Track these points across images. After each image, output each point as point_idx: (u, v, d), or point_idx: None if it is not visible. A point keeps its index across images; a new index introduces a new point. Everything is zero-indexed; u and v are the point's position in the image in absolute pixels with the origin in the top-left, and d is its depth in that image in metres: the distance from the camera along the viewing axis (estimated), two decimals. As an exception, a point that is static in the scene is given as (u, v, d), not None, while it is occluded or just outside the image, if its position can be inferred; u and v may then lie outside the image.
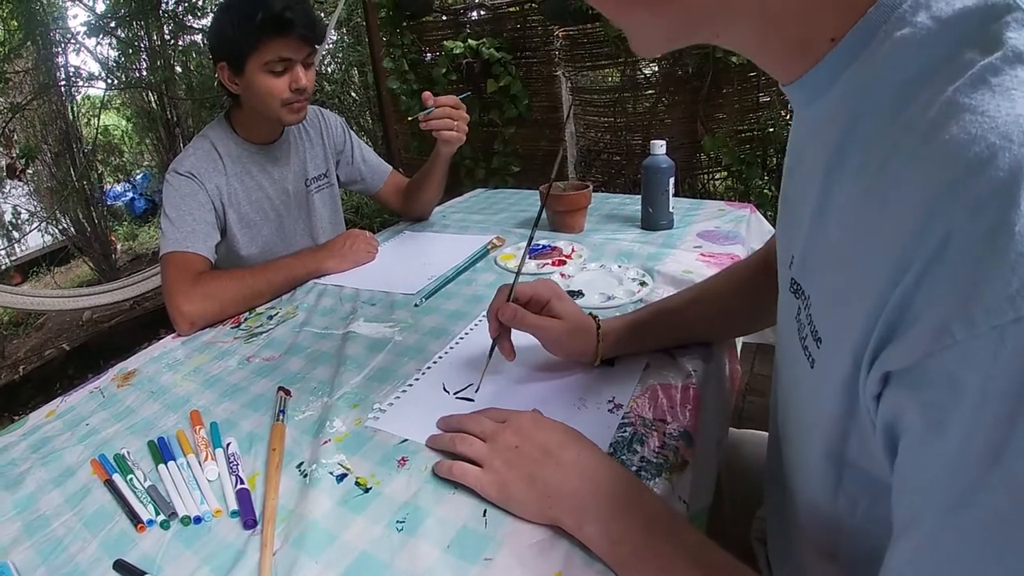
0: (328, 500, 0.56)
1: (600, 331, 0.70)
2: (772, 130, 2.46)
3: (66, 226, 3.69)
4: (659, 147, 1.16)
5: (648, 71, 2.78)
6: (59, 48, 3.42)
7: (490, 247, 1.20)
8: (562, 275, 1.02)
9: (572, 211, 1.23)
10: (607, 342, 0.71)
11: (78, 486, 0.62)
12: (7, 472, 0.66)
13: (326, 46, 3.84)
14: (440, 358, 0.79)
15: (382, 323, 0.92)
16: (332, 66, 4.33)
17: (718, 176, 2.78)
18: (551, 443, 0.54)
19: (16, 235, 3.77)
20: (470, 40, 3.06)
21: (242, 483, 0.58)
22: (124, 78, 3.58)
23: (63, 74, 3.49)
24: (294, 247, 1.28)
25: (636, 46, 0.41)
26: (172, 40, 3.57)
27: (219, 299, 1.00)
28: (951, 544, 0.27)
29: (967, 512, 0.26)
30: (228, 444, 0.65)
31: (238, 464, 0.61)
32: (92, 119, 3.91)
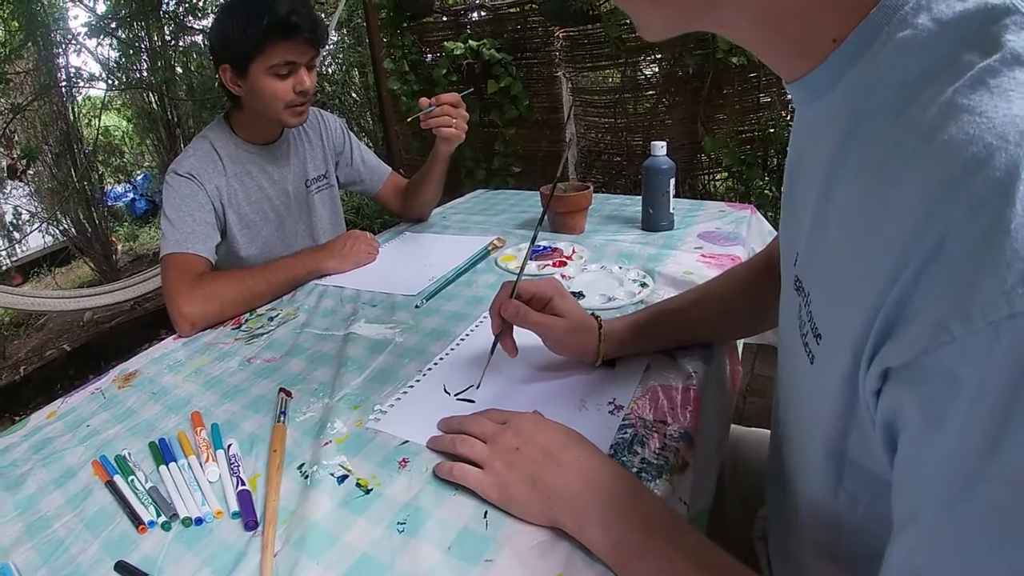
0: (329, 501, 0.56)
1: (602, 331, 0.70)
2: (773, 131, 2.46)
3: (67, 227, 3.70)
4: (660, 148, 1.16)
5: (648, 72, 2.78)
6: (60, 49, 3.42)
7: (491, 248, 1.20)
8: (563, 276, 1.02)
9: (573, 212, 1.23)
10: (609, 342, 0.71)
11: (79, 487, 0.62)
12: (8, 473, 0.67)
13: (327, 47, 3.84)
14: (441, 359, 0.79)
15: (383, 324, 0.92)
16: (333, 67, 4.33)
17: (719, 177, 2.78)
18: (552, 445, 0.54)
19: (17, 236, 3.77)
20: (471, 41, 3.06)
21: (243, 484, 0.59)
22: (125, 79, 3.58)
23: (64, 75, 3.49)
24: (294, 248, 1.28)
25: (641, 30, 0.43)
26: (173, 41, 3.57)
27: (219, 300, 1.01)
28: (949, 537, 0.27)
29: (965, 505, 0.26)
30: (229, 445, 0.65)
31: (239, 465, 0.62)
32: (93, 120, 3.91)
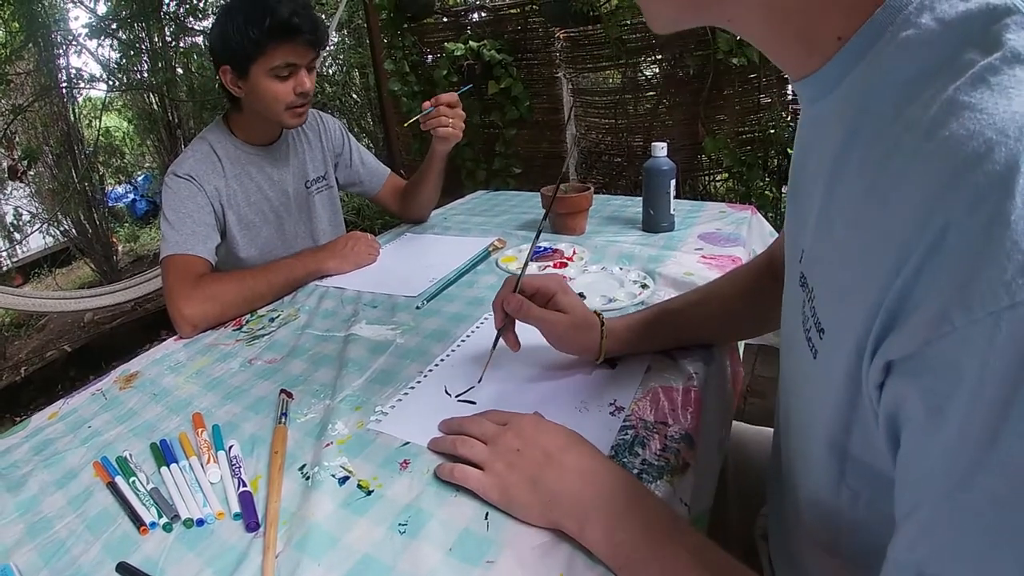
0: (330, 503, 0.56)
1: (604, 328, 0.71)
2: (773, 132, 2.46)
3: (67, 227, 3.70)
4: (660, 149, 1.16)
5: (649, 73, 2.78)
6: (60, 50, 3.42)
7: (492, 249, 1.20)
8: (564, 278, 1.02)
9: (574, 213, 1.23)
10: (611, 339, 0.71)
11: (80, 488, 0.62)
12: (9, 474, 0.67)
13: (327, 48, 3.85)
14: (442, 360, 0.79)
15: (384, 325, 0.92)
16: (333, 68, 4.33)
17: (719, 178, 2.78)
18: (552, 446, 0.54)
19: (18, 236, 3.78)
20: (471, 42, 3.07)
21: (244, 486, 0.59)
22: (125, 80, 3.58)
23: (64, 76, 3.50)
24: (294, 249, 1.28)
25: (649, 20, 0.44)
26: (173, 42, 3.57)
27: (220, 301, 1.01)
28: (949, 528, 0.27)
29: (965, 496, 0.26)
30: (230, 447, 0.65)
31: (240, 467, 0.62)
32: (93, 121, 3.92)
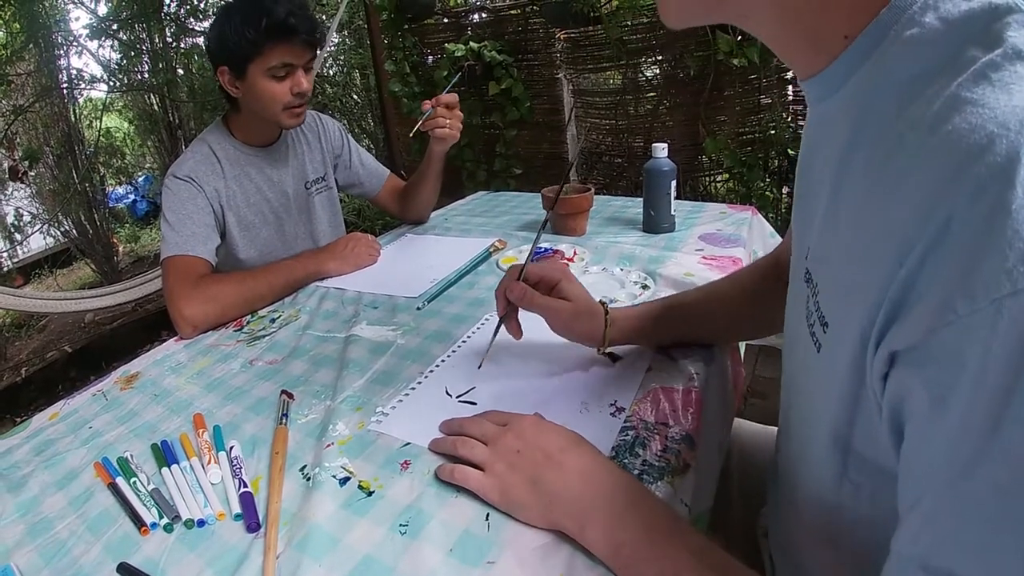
0: (331, 503, 0.56)
1: (608, 317, 0.71)
2: (773, 132, 2.46)
3: (68, 228, 3.70)
4: (661, 150, 1.16)
5: (650, 74, 2.78)
6: (61, 51, 3.42)
7: (492, 250, 1.20)
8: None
9: (574, 214, 1.23)
10: (615, 329, 0.71)
11: (81, 489, 0.63)
12: (10, 475, 0.67)
13: (328, 49, 3.85)
14: (443, 361, 0.79)
15: (384, 326, 0.92)
16: (334, 69, 4.33)
17: (719, 178, 2.78)
18: (552, 447, 0.54)
19: (18, 237, 3.78)
20: (472, 43, 3.07)
21: (245, 486, 0.59)
22: (126, 81, 3.58)
23: (65, 76, 3.50)
24: (294, 250, 1.28)
25: (663, 14, 0.44)
26: (174, 43, 3.57)
27: (220, 302, 1.01)
28: (951, 518, 0.27)
29: (967, 485, 0.26)
30: (231, 447, 0.65)
31: (241, 467, 0.62)
32: (94, 121, 3.92)
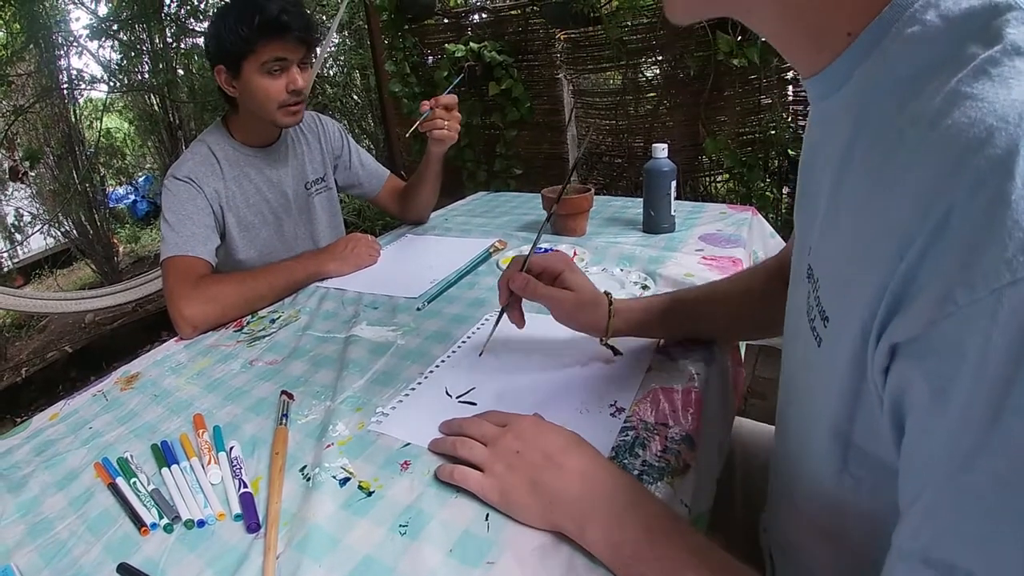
0: (331, 504, 0.56)
1: (612, 307, 0.71)
2: (774, 132, 2.46)
3: (68, 228, 3.70)
4: (661, 151, 1.16)
5: (650, 74, 2.78)
6: (61, 51, 3.43)
7: (492, 250, 1.20)
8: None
9: (574, 215, 1.23)
10: (619, 319, 0.71)
11: (81, 489, 0.63)
12: (10, 475, 0.67)
13: (328, 49, 3.85)
14: (443, 362, 0.79)
15: (384, 327, 0.92)
16: (334, 69, 4.33)
17: (720, 179, 2.77)
18: (552, 448, 0.54)
19: (19, 237, 3.78)
20: (471, 43, 3.07)
21: (245, 487, 0.59)
22: (126, 81, 3.58)
23: (65, 77, 3.50)
24: (294, 250, 1.28)
25: (667, 9, 0.44)
26: (174, 43, 3.57)
27: (220, 302, 1.01)
28: (951, 511, 0.27)
29: (967, 477, 0.26)
30: (231, 448, 0.65)
31: (241, 468, 0.62)
32: (94, 122, 3.92)
